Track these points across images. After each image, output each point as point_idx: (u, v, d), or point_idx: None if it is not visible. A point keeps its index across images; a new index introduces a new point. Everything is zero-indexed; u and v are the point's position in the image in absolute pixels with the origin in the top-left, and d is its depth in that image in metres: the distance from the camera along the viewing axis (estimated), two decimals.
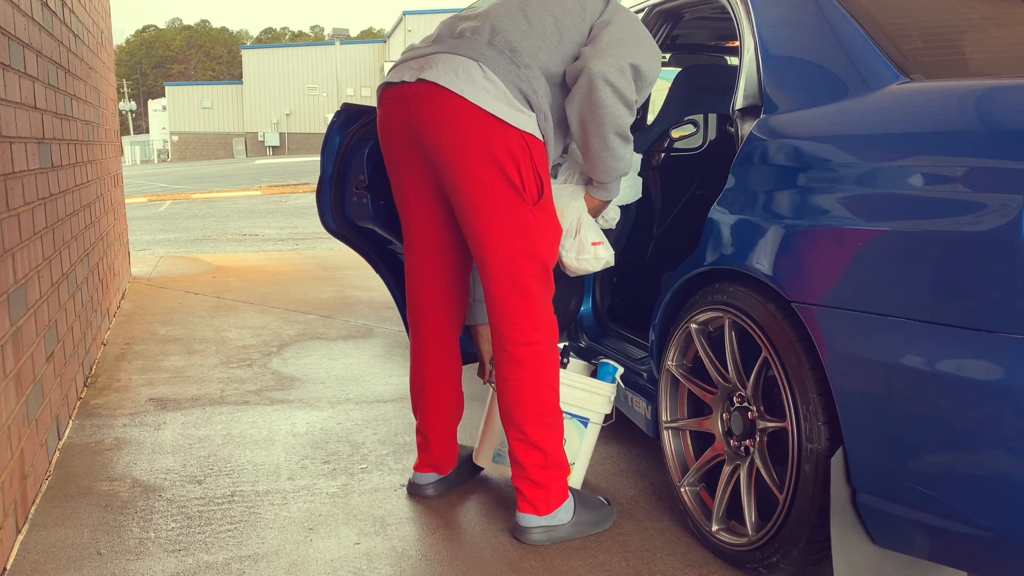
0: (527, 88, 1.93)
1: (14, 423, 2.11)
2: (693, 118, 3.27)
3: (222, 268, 6.55)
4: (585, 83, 1.92)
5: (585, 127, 1.97)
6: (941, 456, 1.47)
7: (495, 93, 1.90)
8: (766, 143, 1.90)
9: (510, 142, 1.91)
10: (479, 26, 1.99)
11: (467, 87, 1.89)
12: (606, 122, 1.94)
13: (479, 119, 1.89)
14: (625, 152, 2.03)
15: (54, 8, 3.11)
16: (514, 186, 1.93)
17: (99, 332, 3.86)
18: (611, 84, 1.91)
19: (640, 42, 2.00)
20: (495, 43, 1.94)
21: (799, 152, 1.81)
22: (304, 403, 3.16)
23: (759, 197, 1.87)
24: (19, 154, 2.35)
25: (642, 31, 2.04)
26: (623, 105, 1.94)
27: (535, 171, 1.95)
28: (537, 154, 1.96)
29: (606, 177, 2.07)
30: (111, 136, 4.94)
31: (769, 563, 1.83)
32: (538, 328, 2.01)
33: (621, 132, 1.98)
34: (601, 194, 2.15)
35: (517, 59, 1.93)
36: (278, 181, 21.25)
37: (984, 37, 1.99)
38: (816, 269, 1.68)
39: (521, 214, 1.95)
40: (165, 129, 58.86)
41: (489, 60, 1.92)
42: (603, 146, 1.99)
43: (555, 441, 2.05)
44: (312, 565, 1.97)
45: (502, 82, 1.91)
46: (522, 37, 1.96)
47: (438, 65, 1.93)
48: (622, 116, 1.95)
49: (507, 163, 1.91)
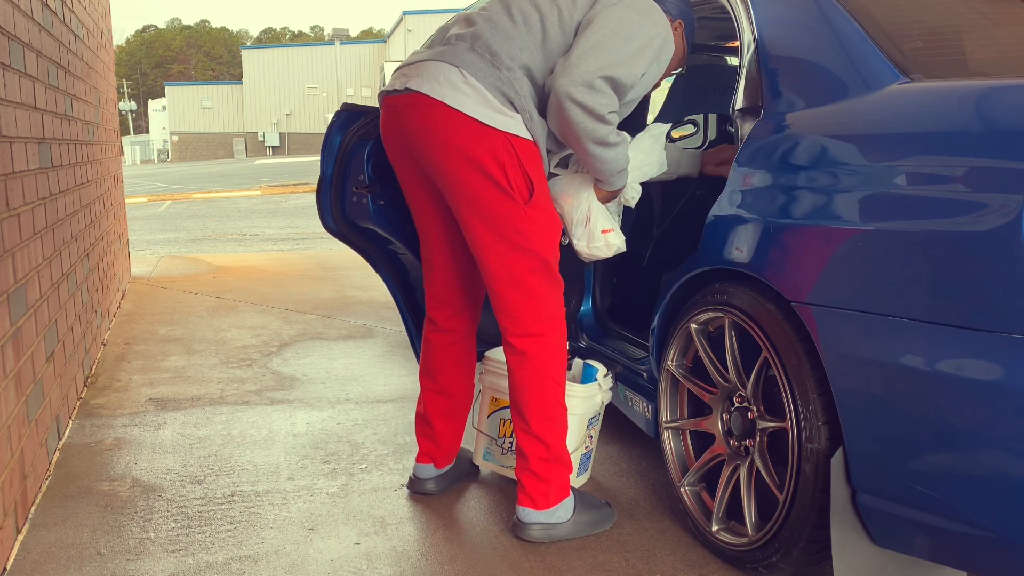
0: (508, 90, 1.93)
1: (14, 423, 2.11)
2: (693, 118, 3.27)
3: (222, 268, 6.55)
4: (554, 101, 1.91)
5: (565, 138, 1.98)
6: (941, 456, 1.47)
7: (475, 97, 1.91)
8: (766, 143, 1.90)
9: (493, 145, 1.92)
10: (463, 32, 2.01)
11: (448, 92, 1.92)
12: (580, 136, 1.93)
13: (460, 124, 1.91)
14: (611, 154, 2.00)
15: (54, 8, 3.11)
16: (502, 188, 1.94)
17: (99, 332, 3.86)
18: (578, 102, 1.87)
19: (622, 43, 1.93)
20: (475, 48, 1.96)
21: (799, 152, 1.81)
22: (304, 403, 3.16)
23: (759, 197, 1.87)
24: (19, 154, 2.35)
25: (633, 25, 1.95)
26: (594, 120, 1.90)
27: (523, 171, 1.96)
28: (525, 155, 1.95)
29: (601, 176, 2.08)
30: (111, 136, 4.94)
31: (769, 563, 1.83)
32: (541, 321, 2.03)
33: (599, 142, 1.95)
34: (607, 187, 2.14)
35: (497, 62, 1.94)
36: (278, 181, 21.25)
37: (984, 37, 1.99)
38: (816, 269, 1.68)
39: (515, 215, 1.96)
40: (165, 129, 58.85)
41: (469, 65, 1.93)
42: (586, 154, 1.99)
43: (559, 435, 2.07)
44: (312, 565, 1.97)
45: (482, 86, 1.91)
46: (504, 39, 1.96)
47: (423, 73, 1.96)
48: (595, 130, 1.92)
49: (491, 166, 1.92)
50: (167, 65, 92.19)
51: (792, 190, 1.78)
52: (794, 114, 1.87)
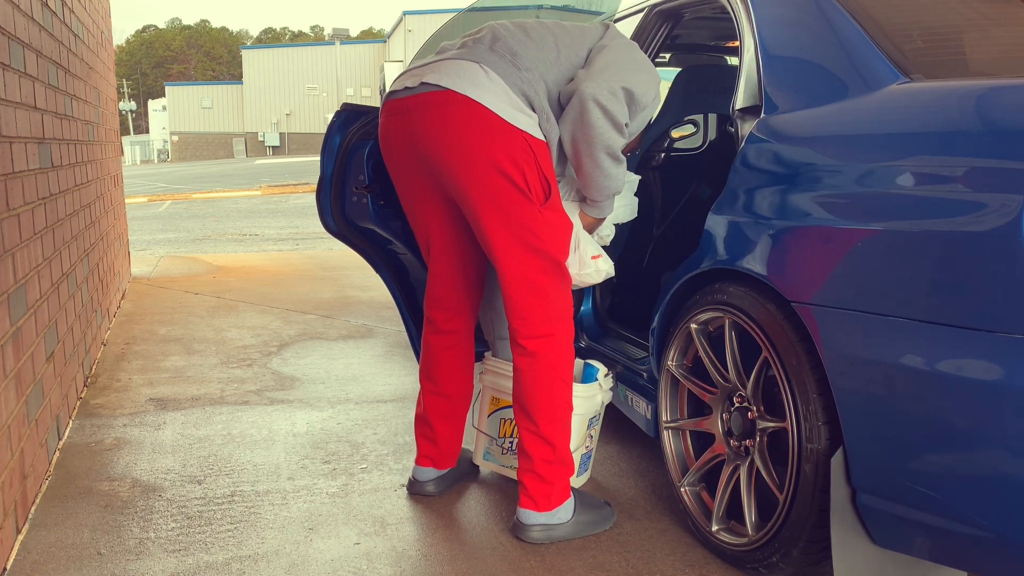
0: (528, 89, 1.96)
1: (14, 423, 2.11)
2: (693, 118, 3.27)
3: (222, 268, 6.55)
4: (577, 104, 1.95)
5: (577, 146, 1.99)
6: (941, 456, 1.47)
7: (496, 92, 1.92)
8: (766, 143, 1.90)
9: (512, 145, 1.92)
10: (481, 36, 2.05)
11: (468, 86, 1.92)
12: (596, 142, 1.96)
13: (480, 121, 1.91)
14: (616, 171, 2.05)
15: (54, 8, 3.11)
16: (520, 190, 1.95)
17: (99, 332, 3.86)
18: (601, 106, 1.93)
19: (637, 68, 2.02)
20: (496, 48, 1.99)
21: (799, 152, 1.81)
22: (304, 403, 3.16)
23: (759, 197, 1.87)
24: (19, 154, 2.35)
25: (640, 58, 2.06)
26: (612, 127, 1.96)
27: (540, 172, 1.97)
28: (541, 155, 1.97)
29: (598, 195, 2.10)
30: (111, 136, 4.94)
31: (769, 563, 1.83)
32: (549, 320, 2.03)
33: (611, 152, 2.00)
34: (594, 212, 2.17)
35: (518, 62, 1.97)
36: (278, 181, 21.25)
37: (984, 37, 1.99)
38: (816, 269, 1.68)
39: (531, 216, 1.97)
40: (165, 129, 58.85)
41: (491, 63, 1.96)
42: (594, 165, 2.01)
43: (564, 436, 2.07)
44: (312, 565, 1.97)
45: (504, 82, 1.94)
46: (522, 46, 2.01)
47: (441, 69, 1.96)
48: (611, 138, 1.97)
49: (510, 168, 1.92)
50: (167, 65, 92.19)
51: (792, 190, 1.78)
52: (794, 114, 1.87)
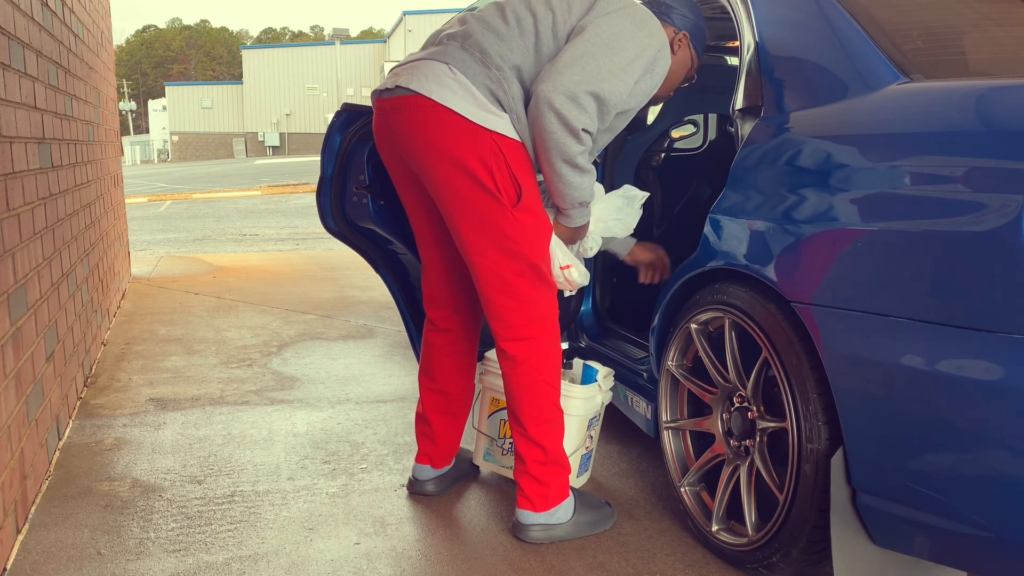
0: (497, 89, 1.90)
1: (14, 423, 2.11)
2: (693, 118, 3.27)
3: (222, 268, 6.55)
4: (533, 105, 1.87)
5: (536, 149, 1.93)
6: (941, 456, 1.47)
7: (461, 93, 1.88)
8: (766, 143, 1.90)
9: (480, 146, 1.88)
10: (456, 31, 2.00)
11: (435, 88, 1.89)
12: (551, 148, 1.87)
13: (447, 123, 1.88)
14: (579, 180, 1.94)
15: (54, 8, 3.11)
16: (488, 191, 1.91)
17: (99, 332, 3.86)
18: (555, 111, 1.83)
19: (616, 52, 1.88)
20: (466, 47, 1.94)
21: (799, 152, 1.81)
22: (304, 403, 3.16)
23: (759, 197, 1.87)
24: (19, 154, 2.35)
25: (625, 36, 1.90)
26: (568, 134, 1.85)
27: (510, 174, 1.92)
28: (512, 156, 1.91)
29: (562, 203, 2.01)
30: (111, 136, 4.94)
31: (769, 563, 1.83)
32: (531, 324, 2.00)
33: (568, 160, 1.89)
34: (565, 221, 2.06)
35: (487, 60, 1.91)
36: (278, 181, 21.25)
37: (984, 37, 1.99)
38: (816, 269, 1.68)
39: (502, 217, 1.93)
40: (165, 129, 58.86)
41: (459, 62, 1.91)
42: (552, 171, 1.93)
43: (555, 439, 2.06)
44: (312, 565, 1.97)
45: (470, 82, 1.89)
46: (495, 39, 1.93)
47: (413, 71, 1.95)
48: (567, 145, 1.86)
49: (478, 169, 1.89)
50: (167, 65, 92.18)
51: (792, 190, 1.78)
52: (794, 114, 1.87)
